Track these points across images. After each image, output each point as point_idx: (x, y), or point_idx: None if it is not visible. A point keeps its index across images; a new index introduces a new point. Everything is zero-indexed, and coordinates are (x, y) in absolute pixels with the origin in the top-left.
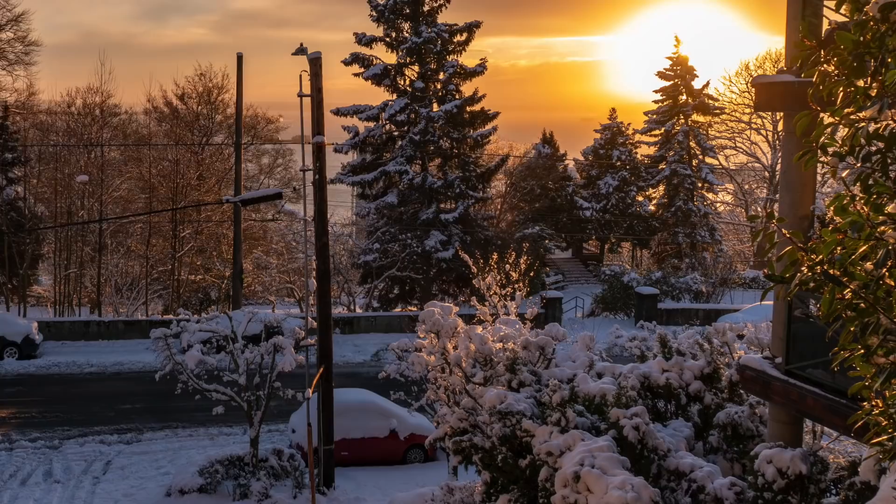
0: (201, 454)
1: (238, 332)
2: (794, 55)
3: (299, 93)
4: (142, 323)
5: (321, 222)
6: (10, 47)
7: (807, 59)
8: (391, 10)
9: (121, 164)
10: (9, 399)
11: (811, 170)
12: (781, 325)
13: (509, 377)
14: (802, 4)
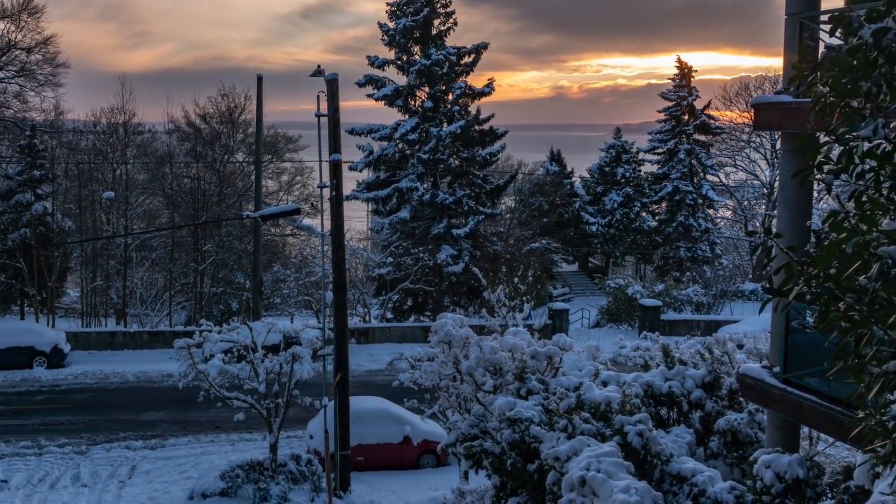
0: (223, 459)
1: (258, 342)
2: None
3: (317, 112)
4: (165, 333)
5: (337, 237)
6: (38, 69)
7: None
8: (401, 35)
9: (145, 181)
10: (38, 406)
11: (808, 187)
12: (779, 336)
13: (518, 385)
14: (799, 29)
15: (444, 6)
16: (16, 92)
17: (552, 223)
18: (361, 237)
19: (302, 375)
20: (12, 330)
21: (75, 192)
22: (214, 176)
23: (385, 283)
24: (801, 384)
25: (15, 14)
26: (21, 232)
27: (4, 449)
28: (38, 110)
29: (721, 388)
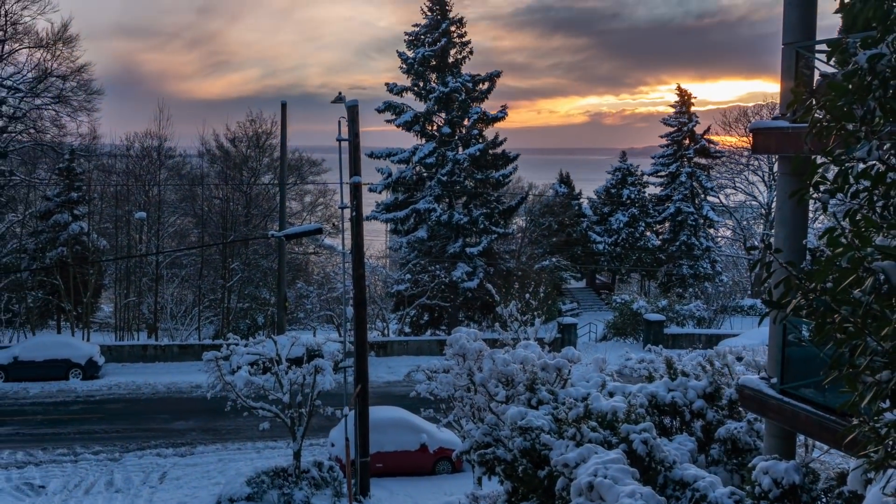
0: (249, 466)
1: (282, 354)
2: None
3: (338, 137)
4: (195, 347)
5: (358, 255)
6: (73, 95)
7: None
8: (419, 63)
9: (176, 201)
10: (74, 416)
11: (804, 206)
12: (777, 348)
13: (529, 396)
14: (795, 58)
15: (460, 37)
16: (52, 117)
17: (561, 242)
18: (380, 255)
19: (324, 386)
20: (49, 343)
21: (110, 212)
22: (242, 197)
23: (403, 299)
24: (798, 395)
25: (51, 43)
26: (58, 250)
27: (42, 456)
28: (73, 135)
29: (721, 399)
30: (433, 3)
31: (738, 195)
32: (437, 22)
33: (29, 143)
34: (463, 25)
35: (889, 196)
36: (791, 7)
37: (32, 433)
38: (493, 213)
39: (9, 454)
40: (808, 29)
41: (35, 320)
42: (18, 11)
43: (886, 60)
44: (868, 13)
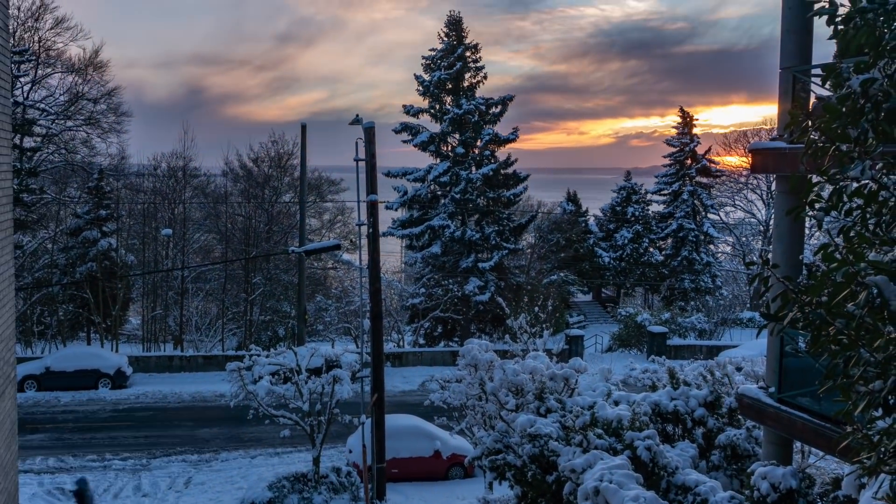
0: (270, 471)
1: (302, 365)
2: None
3: (355, 157)
4: (218, 358)
5: (374, 270)
6: (104, 118)
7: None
8: (435, 86)
9: (200, 219)
10: (103, 424)
11: (800, 223)
12: (774, 359)
13: (538, 404)
14: (792, 82)
15: (474, 62)
16: (83, 139)
17: (569, 257)
18: (396, 270)
19: (342, 395)
20: (80, 354)
21: (137, 229)
22: (264, 215)
23: (417, 312)
24: (794, 403)
25: (82, 68)
26: (88, 265)
27: (73, 462)
28: (103, 155)
29: (722, 407)
30: (450, 29)
31: (738, 213)
32: (453, 47)
33: (60, 162)
34: (478, 51)
35: (881, 214)
36: (788, 34)
37: (64, 440)
38: (504, 230)
39: (41, 460)
40: (804, 54)
41: (66, 332)
42: (52, 38)
43: (878, 84)
44: (861, 39)
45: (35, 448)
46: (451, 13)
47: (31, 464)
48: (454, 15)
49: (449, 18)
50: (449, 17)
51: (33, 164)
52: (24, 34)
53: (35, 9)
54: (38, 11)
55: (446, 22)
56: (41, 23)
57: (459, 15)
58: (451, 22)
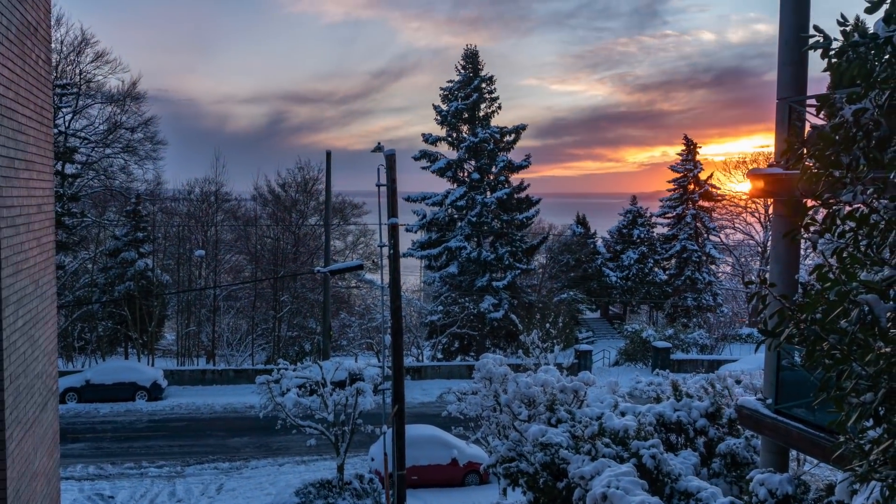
0: (297, 478)
1: (327, 378)
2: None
3: (377, 183)
4: (248, 371)
5: (395, 289)
6: (140, 146)
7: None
8: (453, 116)
9: (231, 241)
10: (140, 433)
11: (796, 245)
12: (772, 372)
13: (549, 415)
14: (788, 111)
15: (489, 93)
16: (121, 165)
17: (578, 277)
18: (416, 289)
19: (364, 407)
20: (118, 368)
21: (172, 250)
22: (291, 237)
23: (436, 328)
24: (791, 414)
25: (120, 99)
26: (126, 285)
27: (111, 469)
28: (140, 180)
29: (722, 418)
30: (466, 61)
31: (737, 234)
32: (470, 79)
33: (99, 188)
34: (493, 83)
35: (872, 236)
36: (784, 66)
37: (103, 449)
38: (517, 251)
39: (82, 468)
40: (799, 85)
41: (105, 347)
42: (92, 71)
43: (869, 114)
44: (853, 72)
45: (76, 456)
46: (467, 47)
47: (71, 471)
48: (470, 48)
49: (466, 52)
50: (466, 50)
51: (74, 189)
52: (66, 67)
53: (77, 43)
54: (80, 46)
55: (463, 55)
56: (82, 56)
57: (475, 48)
58: (468, 55)
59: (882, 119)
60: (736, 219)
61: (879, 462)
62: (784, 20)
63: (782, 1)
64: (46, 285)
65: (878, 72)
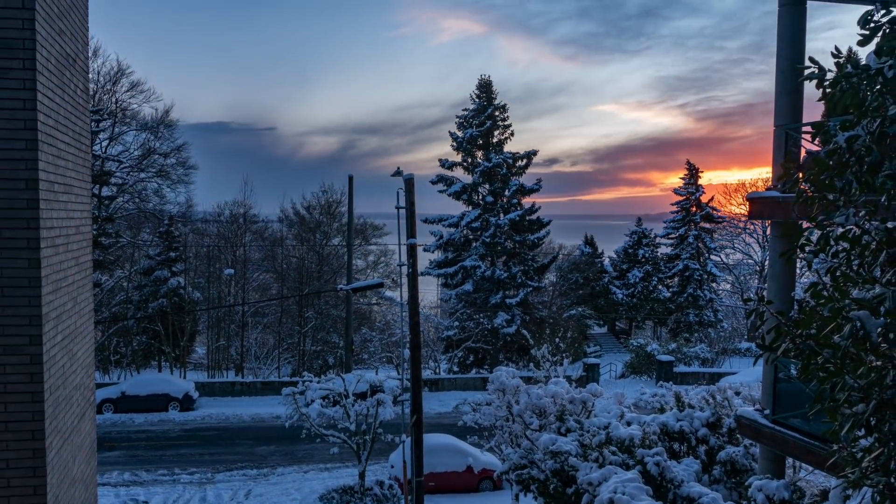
0: (321, 484)
1: (349, 390)
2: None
3: (397, 205)
4: (275, 383)
5: (413, 306)
6: (173, 171)
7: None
8: (468, 142)
9: (259, 260)
10: (172, 442)
11: (792, 264)
12: (769, 385)
13: (559, 425)
14: (785, 138)
15: (502, 120)
16: (155, 189)
17: (586, 294)
18: (433, 305)
19: (385, 417)
20: (152, 380)
21: (203, 269)
22: (315, 256)
23: (452, 343)
24: (787, 424)
25: (154, 126)
26: (159, 302)
27: (145, 476)
28: (173, 203)
29: (722, 427)
30: (481, 91)
31: (737, 254)
32: (484, 107)
33: (134, 210)
34: (505, 111)
35: (864, 256)
36: (781, 95)
37: (137, 456)
38: (529, 270)
39: (118, 474)
40: (795, 113)
41: (139, 361)
42: (127, 100)
43: (862, 141)
44: (846, 101)
45: (112, 463)
46: (481, 77)
47: (108, 477)
48: (484, 78)
49: (480, 82)
50: (480, 80)
51: (110, 211)
52: (102, 96)
53: (113, 73)
54: (116, 76)
55: (477, 85)
56: (118, 86)
57: (489, 78)
58: (482, 84)
59: (874, 145)
60: (735, 239)
61: (871, 469)
62: (780, 52)
63: (779, 34)
64: (84, 302)
65: (870, 101)
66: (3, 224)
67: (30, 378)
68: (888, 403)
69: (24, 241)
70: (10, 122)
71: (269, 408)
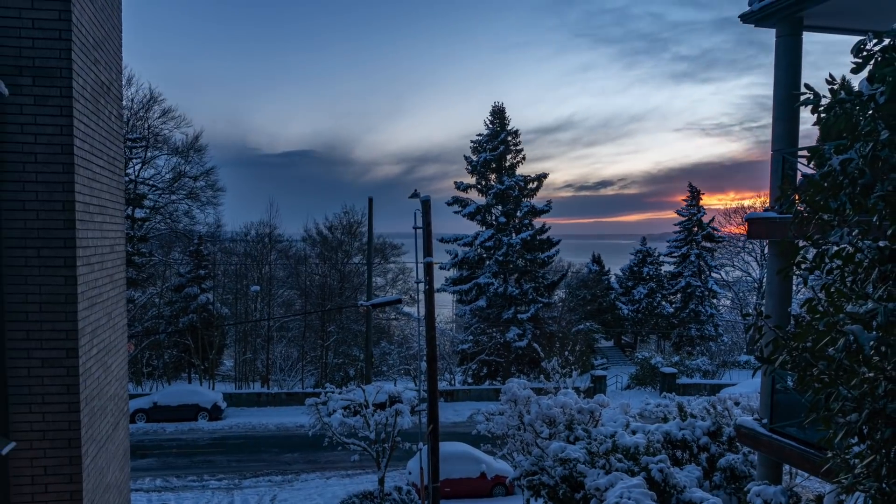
0: (342, 490)
1: (369, 400)
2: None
3: (414, 225)
4: (299, 394)
5: (430, 321)
6: (202, 193)
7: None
8: (482, 165)
9: (283, 277)
10: (202, 450)
11: (788, 281)
12: (767, 395)
13: (568, 433)
14: (782, 162)
15: (514, 145)
16: (185, 210)
17: (594, 310)
18: (448, 320)
19: (403, 426)
20: (182, 391)
21: (230, 286)
22: (337, 274)
23: (466, 356)
24: (784, 432)
25: (184, 151)
26: (189, 317)
27: (176, 482)
28: (202, 224)
29: (722, 436)
30: (494, 117)
31: (736, 272)
32: (497, 133)
33: (165, 230)
34: (518, 136)
35: (857, 273)
36: (778, 121)
37: (168, 463)
38: (540, 287)
39: (150, 480)
40: (792, 138)
41: (170, 373)
42: (159, 126)
43: (855, 164)
44: (840, 125)
45: (144, 470)
46: (495, 104)
47: (140, 483)
48: (498, 105)
49: (493, 108)
50: (493, 107)
51: (143, 231)
52: (136, 122)
53: (146, 101)
54: (148, 103)
55: (491, 111)
56: (150, 113)
57: (502, 105)
58: (495, 111)
59: (866, 168)
60: (735, 258)
61: (863, 475)
62: (778, 80)
63: (776, 63)
64: (118, 317)
65: (863, 126)
66: (42, 244)
67: (67, 389)
68: (880, 413)
69: (61, 260)
70: (48, 147)
71: (293, 417)
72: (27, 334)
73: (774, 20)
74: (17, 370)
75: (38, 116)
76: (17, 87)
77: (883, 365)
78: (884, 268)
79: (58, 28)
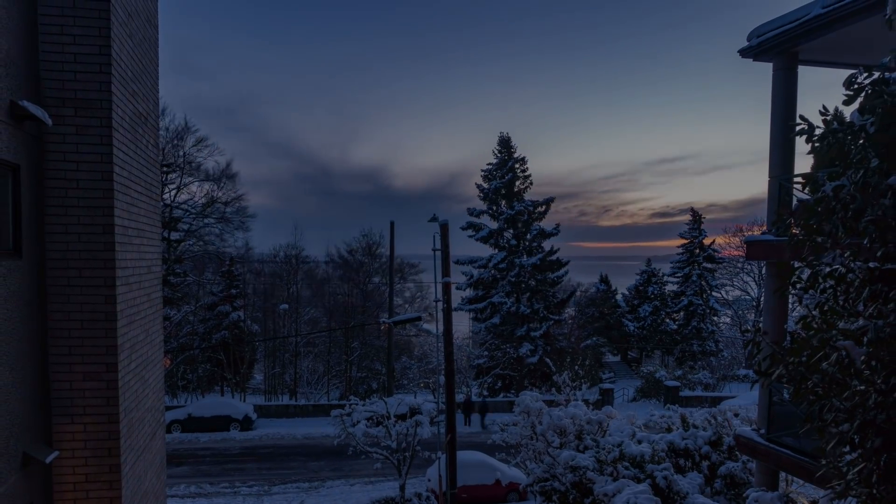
0: (365, 496)
1: (391, 412)
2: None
3: (433, 248)
4: (324, 406)
5: (448, 337)
6: (233, 217)
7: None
8: (493, 192)
9: (309, 297)
10: (234, 458)
11: (785, 299)
12: (764, 407)
13: (577, 443)
14: (778, 187)
15: (522, 171)
16: (217, 233)
17: (601, 326)
18: (465, 337)
19: (422, 436)
20: (215, 403)
21: (260, 304)
22: (359, 293)
23: (482, 370)
24: (781, 442)
25: (216, 177)
26: (221, 333)
27: (209, 489)
28: (232, 247)
29: (723, 445)
30: (501, 146)
31: (736, 291)
32: (505, 161)
33: (199, 252)
34: (525, 163)
35: (849, 292)
36: (775, 149)
37: (202, 471)
38: (550, 305)
39: (184, 487)
40: (787, 165)
41: (204, 386)
42: (193, 154)
43: (847, 190)
44: (832, 153)
45: (179, 477)
46: (501, 134)
47: (175, 490)
48: (504, 135)
49: (500, 138)
50: (500, 136)
51: (178, 252)
52: (171, 150)
53: (180, 130)
54: (182, 132)
55: (498, 141)
56: (184, 141)
57: (508, 135)
58: (502, 141)
59: (857, 194)
60: (734, 278)
61: (855, 482)
62: (774, 111)
63: (773, 94)
64: (155, 334)
65: (854, 154)
66: (83, 265)
67: (107, 401)
68: (871, 423)
69: (101, 280)
70: (89, 174)
71: (319, 428)
72: (69, 350)
73: (771, 55)
74: (60, 383)
75: (80, 145)
76: (59, 117)
77: (873, 378)
78: (874, 287)
79: (98, 62)
